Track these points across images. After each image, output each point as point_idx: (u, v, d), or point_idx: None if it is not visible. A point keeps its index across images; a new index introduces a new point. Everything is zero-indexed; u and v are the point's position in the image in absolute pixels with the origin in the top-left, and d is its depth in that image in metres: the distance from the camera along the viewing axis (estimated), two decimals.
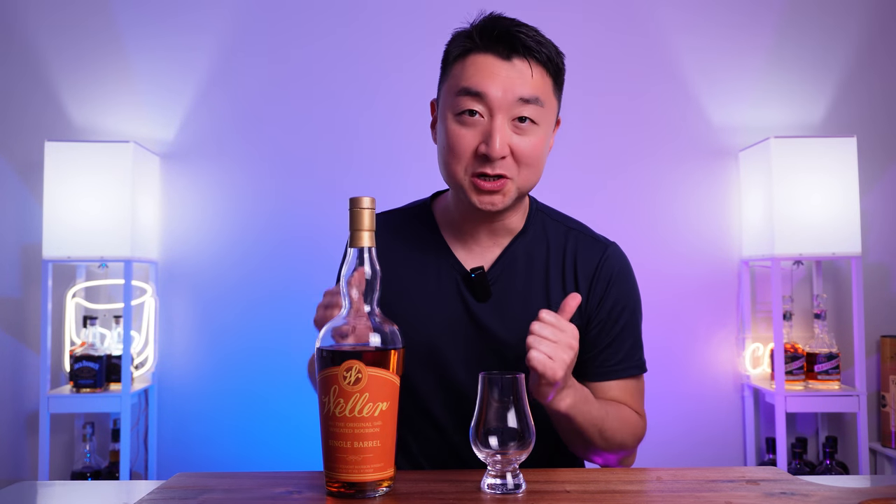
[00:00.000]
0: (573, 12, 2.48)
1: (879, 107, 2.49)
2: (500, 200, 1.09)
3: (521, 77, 1.07)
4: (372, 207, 0.87)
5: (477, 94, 1.06)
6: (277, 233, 2.44)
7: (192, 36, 2.46)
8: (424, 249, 1.20)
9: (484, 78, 1.06)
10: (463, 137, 1.08)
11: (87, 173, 2.18)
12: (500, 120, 1.06)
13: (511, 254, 1.18)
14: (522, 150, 1.07)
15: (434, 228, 1.21)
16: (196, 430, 2.41)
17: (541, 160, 1.11)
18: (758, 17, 2.49)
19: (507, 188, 1.09)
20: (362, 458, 0.83)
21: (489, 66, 1.07)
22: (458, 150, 1.08)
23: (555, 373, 0.96)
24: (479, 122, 1.07)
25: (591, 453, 1.13)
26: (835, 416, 2.44)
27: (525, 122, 1.07)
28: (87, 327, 2.22)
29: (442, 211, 1.22)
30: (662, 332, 2.41)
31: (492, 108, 1.06)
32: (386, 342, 0.85)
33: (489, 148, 1.05)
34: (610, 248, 1.20)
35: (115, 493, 1.07)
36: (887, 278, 2.47)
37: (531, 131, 1.08)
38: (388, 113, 2.46)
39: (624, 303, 1.18)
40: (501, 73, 1.06)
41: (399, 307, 1.12)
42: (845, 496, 0.87)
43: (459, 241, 1.19)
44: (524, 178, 1.10)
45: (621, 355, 1.16)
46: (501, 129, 1.06)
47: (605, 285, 1.17)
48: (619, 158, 2.47)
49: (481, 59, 1.08)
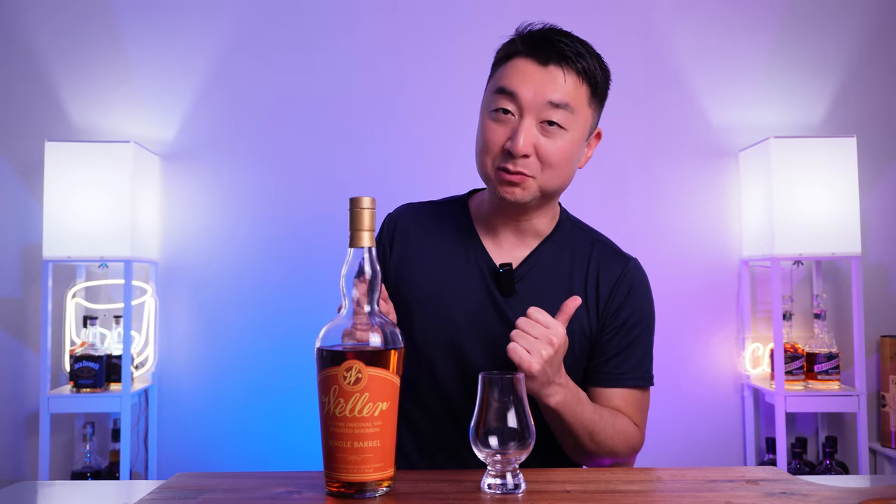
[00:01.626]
0: (573, 13, 2.48)
1: (879, 107, 2.49)
2: (521, 193, 1.14)
3: (554, 82, 1.12)
4: (372, 207, 0.87)
5: (510, 93, 1.12)
6: (277, 233, 2.44)
7: (192, 36, 2.46)
8: (459, 239, 1.25)
9: (519, 80, 1.13)
10: (494, 132, 1.14)
11: (87, 173, 2.18)
12: (527, 120, 1.12)
13: (538, 256, 1.22)
14: (547, 151, 1.12)
15: (469, 221, 1.27)
16: (196, 429, 2.41)
17: (566, 165, 1.15)
18: (758, 18, 2.50)
19: (527, 184, 1.14)
20: (362, 458, 0.83)
21: (526, 70, 1.13)
22: (488, 144, 1.15)
23: (531, 366, 0.99)
24: (510, 121, 1.13)
25: (582, 455, 1.15)
26: (835, 416, 2.44)
27: (553, 126, 1.12)
28: (88, 327, 2.22)
29: (476, 206, 1.28)
30: (662, 332, 2.38)
31: (522, 108, 1.12)
32: (386, 342, 0.85)
33: (513, 144, 1.11)
34: (632, 262, 1.26)
35: (115, 493, 1.07)
36: (887, 278, 2.47)
37: (558, 135, 1.13)
38: (389, 113, 2.46)
39: (640, 315, 1.23)
40: (536, 76, 1.12)
41: (428, 292, 1.20)
42: (845, 496, 0.87)
43: (490, 237, 1.25)
44: (546, 179, 1.14)
45: (629, 365, 1.20)
46: (528, 129, 1.11)
47: (625, 295, 1.22)
48: (619, 158, 2.47)
49: (521, 62, 1.14)
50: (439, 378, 1.20)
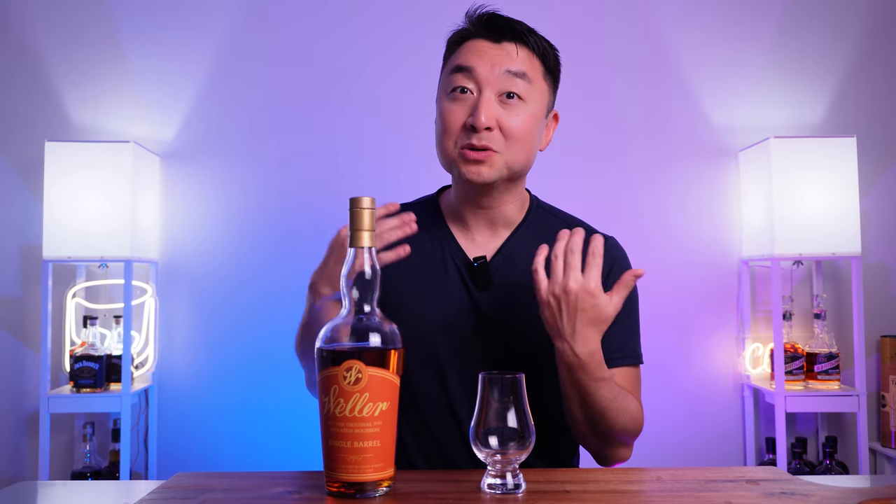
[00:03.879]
0: (573, 13, 2.48)
1: (879, 107, 2.49)
2: (487, 172, 1.13)
3: (509, 55, 1.14)
4: (372, 207, 0.87)
5: (467, 69, 1.14)
6: (277, 233, 2.44)
7: (192, 36, 2.46)
8: (432, 236, 1.24)
9: (475, 56, 1.14)
10: (453, 112, 1.14)
11: (87, 173, 2.17)
12: (487, 93, 1.12)
13: (511, 245, 1.22)
14: (510, 124, 1.13)
15: (440, 219, 1.26)
16: (196, 430, 2.41)
17: (529, 137, 1.15)
18: (758, 17, 2.49)
19: (493, 160, 1.13)
20: (362, 458, 0.83)
21: (481, 47, 1.15)
22: (448, 125, 1.14)
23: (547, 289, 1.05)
24: (469, 98, 1.14)
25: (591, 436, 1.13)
26: (835, 416, 2.44)
27: (513, 99, 1.13)
28: (88, 327, 2.22)
29: (446, 202, 1.27)
30: (663, 332, 2.41)
31: (479, 82, 1.13)
32: (386, 342, 0.85)
33: (475, 119, 1.11)
34: (610, 240, 1.24)
35: (115, 493, 1.07)
36: (887, 278, 2.47)
37: (519, 108, 1.14)
38: (389, 112, 2.46)
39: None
40: (491, 51, 1.14)
41: (405, 292, 1.17)
42: (845, 496, 0.87)
43: (463, 231, 1.24)
44: (512, 154, 1.14)
45: (617, 344, 1.18)
46: (488, 102, 1.12)
47: (606, 274, 1.19)
48: (619, 158, 2.47)
49: (474, 42, 1.16)
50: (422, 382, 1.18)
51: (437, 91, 1.21)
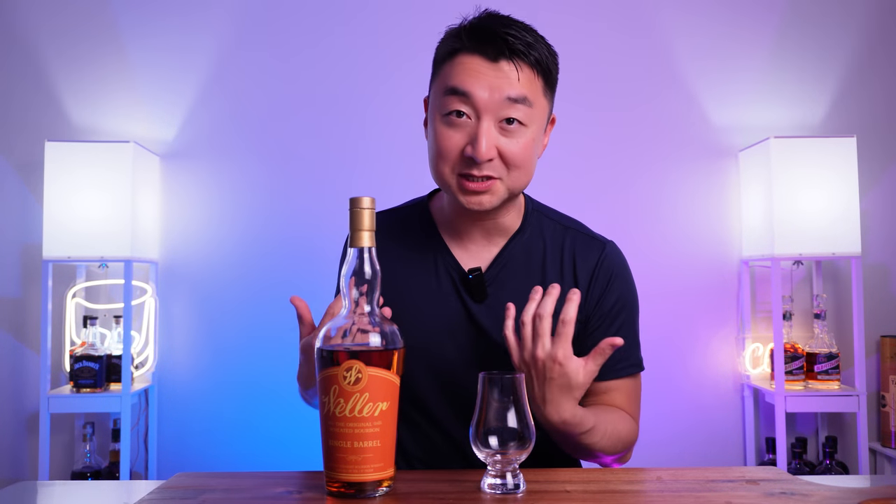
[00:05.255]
0: (573, 13, 2.48)
1: (879, 107, 2.49)
2: (488, 200, 1.09)
3: (508, 79, 1.05)
4: (372, 207, 0.87)
5: (463, 94, 1.05)
6: (277, 232, 2.44)
7: (192, 36, 2.46)
8: (423, 249, 1.20)
9: (470, 79, 1.05)
10: (450, 139, 1.07)
11: (87, 173, 2.17)
12: (486, 122, 1.05)
13: (508, 253, 1.18)
14: (510, 152, 1.06)
15: (432, 227, 1.21)
16: (196, 430, 2.41)
17: (530, 161, 1.09)
18: (758, 18, 2.49)
19: (495, 188, 1.08)
20: (362, 458, 0.83)
21: (475, 67, 1.06)
22: (445, 151, 1.07)
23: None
24: (466, 124, 1.06)
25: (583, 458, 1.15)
26: (835, 416, 2.44)
27: (513, 124, 1.06)
28: (88, 327, 2.22)
29: (439, 210, 1.22)
30: (662, 332, 2.41)
31: (478, 109, 1.05)
32: (386, 342, 0.85)
33: (475, 151, 1.04)
34: (608, 247, 1.21)
35: (115, 493, 1.07)
36: (887, 278, 2.47)
37: (519, 133, 1.07)
38: (389, 112, 2.46)
39: (624, 300, 1.19)
40: (488, 74, 1.05)
41: (399, 306, 1.11)
42: (845, 496, 0.87)
43: (456, 241, 1.19)
44: (513, 180, 1.09)
45: (619, 354, 1.15)
46: (488, 131, 1.05)
47: (606, 282, 1.17)
48: (619, 158, 2.47)
49: (468, 59, 1.06)
50: (420, 393, 1.16)
51: (430, 106, 1.13)
